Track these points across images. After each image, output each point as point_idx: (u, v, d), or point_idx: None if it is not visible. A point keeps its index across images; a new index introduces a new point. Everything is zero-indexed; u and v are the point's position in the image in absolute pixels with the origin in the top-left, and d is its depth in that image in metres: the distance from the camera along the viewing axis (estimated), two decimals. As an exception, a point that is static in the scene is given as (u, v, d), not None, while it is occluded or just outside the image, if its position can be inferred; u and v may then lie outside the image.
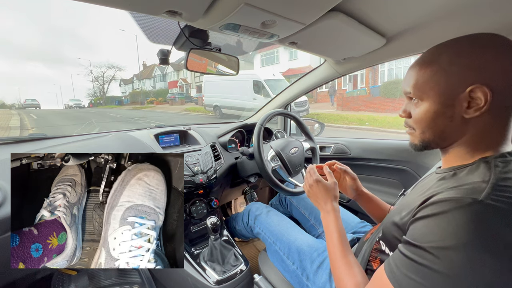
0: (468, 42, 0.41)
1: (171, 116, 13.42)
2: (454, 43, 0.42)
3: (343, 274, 0.53)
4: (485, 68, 0.39)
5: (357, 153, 1.42)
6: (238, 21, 0.65)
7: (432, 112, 0.44)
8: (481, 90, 0.38)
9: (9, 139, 0.97)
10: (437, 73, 0.42)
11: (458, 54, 0.41)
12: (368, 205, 0.77)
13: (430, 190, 0.43)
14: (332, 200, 0.65)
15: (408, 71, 0.48)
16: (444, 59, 0.42)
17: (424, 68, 0.44)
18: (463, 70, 0.40)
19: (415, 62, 0.47)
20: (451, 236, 0.34)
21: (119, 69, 30.86)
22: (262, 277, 0.89)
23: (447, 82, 0.41)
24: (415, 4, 0.67)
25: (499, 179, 0.37)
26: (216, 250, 0.99)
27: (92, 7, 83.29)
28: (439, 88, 0.42)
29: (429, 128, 0.45)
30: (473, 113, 0.40)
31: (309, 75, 1.35)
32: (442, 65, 0.42)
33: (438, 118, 0.44)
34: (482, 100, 0.39)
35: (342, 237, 0.59)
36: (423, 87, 0.44)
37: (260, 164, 1.02)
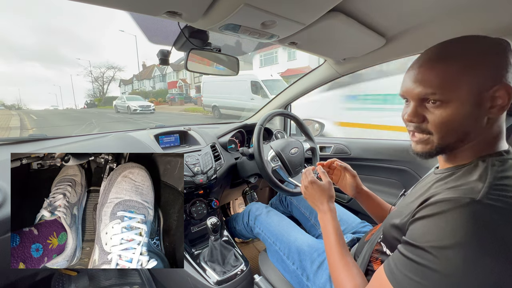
0: (488, 41, 0.40)
1: (170, 116, 13.44)
2: (478, 40, 0.40)
3: (341, 276, 0.52)
4: (505, 68, 0.39)
5: (357, 153, 1.42)
6: (238, 22, 0.65)
7: (461, 114, 0.40)
8: (505, 89, 0.38)
9: (9, 140, 0.97)
10: (465, 70, 0.39)
11: (484, 51, 0.39)
12: (368, 203, 0.77)
13: (429, 191, 0.43)
14: (328, 200, 0.65)
15: (421, 70, 0.43)
16: (470, 56, 0.39)
17: (448, 66, 0.40)
18: (490, 68, 0.39)
19: (427, 59, 0.43)
20: (449, 236, 0.34)
21: (118, 69, 30.82)
22: (262, 278, 0.89)
23: (475, 80, 0.39)
24: (415, 4, 0.67)
25: (496, 178, 0.37)
26: (216, 251, 0.99)
27: (91, 8, 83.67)
28: (468, 87, 0.39)
29: (453, 131, 0.42)
30: (497, 112, 0.40)
31: (309, 75, 1.36)
32: (470, 62, 0.39)
33: (466, 120, 0.40)
34: (505, 100, 0.39)
35: (339, 238, 0.59)
36: (451, 87, 0.40)
37: (260, 164, 1.02)
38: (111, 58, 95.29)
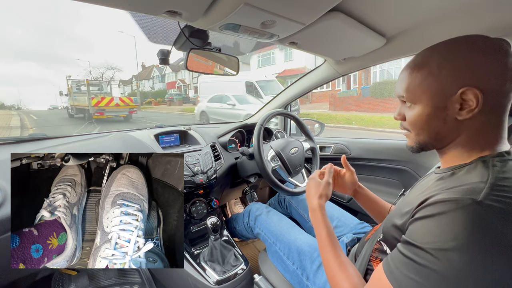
0: (455, 45, 0.42)
1: (169, 116, 13.49)
2: (442, 46, 0.43)
3: (338, 277, 0.51)
4: (474, 70, 0.39)
5: (357, 153, 1.42)
6: (238, 21, 0.65)
7: (425, 115, 0.44)
8: (472, 92, 0.39)
9: (9, 139, 0.97)
10: (428, 76, 0.43)
11: (446, 57, 0.42)
12: (367, 201, 0.77)
13: (429, 190, 0.43)
14: (319, 197, 0.64)
15: (400, 74, 0.49)
16: (433, 63, 0.43)
17: (415, 72, 0.45)
18: (453, 72, 0.41)
19: (406, 65, 0.48)
20: (450, 237, 0.34)
21: (118, 70, 30.83)
22: (262, 277, 0.89)
23: (438, 86, 0.42)
24: (415, 4, 0.67)
25: (498, 179, 0.37)
26: (216, 250, 0.99)
27: (91, 8, 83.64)
28: (431, 91, 0.43)
29: (423, 130, 0.46)
30: (466, 114, 0.41)
31: (309, 75, 1.36)
32: (432, 69, 0.43)
33: (432, 121, 0.44)
34: (474, 102, 0.39)
35: (331, 237, 0.58)
36: (415, 91, 0.45)
37: (260, 164, 1.02)
38: (110, 58, 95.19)
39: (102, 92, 11.90)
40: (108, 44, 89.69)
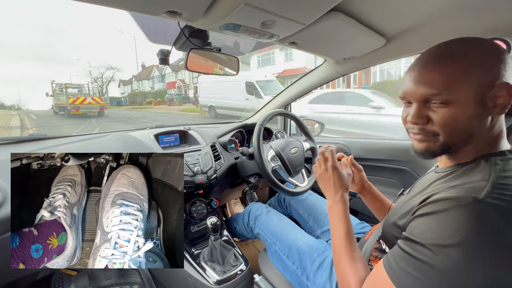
0: (488, 42, 0.41)
1: (168, 116, 13.51)
2: (478, 41, 0.41)
3: (345, 269, 0.50)
4: (504, 68, 0.39)
5: (358, 153, 1.42)
6: (238, 21, 0.65)
7: (466, 114, 0.40)
8: (506, 88, 0.39)
9: (9, 139, 0.97)
10: (470, 71, 0.39)
11: (485, 52, 0.40)
12: (373, 199, 0.77)
13: (430, 188, 0.43)
14: (344, 190, 0.63)
15: (424, 70, 0.43)
16: (475, 56, 0.40)
17: (453, 66, 0.40)
18: (491, 68, 0.39)
19: (431, 60, 0.42)
20: (450, 234, 0.34)
21: (117, 70, 30.97)
22: (262, 277, 0.89)
23: (478, 81, 0.39)
24: (415, 4, 0.67)
25: (500, 177, 0.37)
26: (216, 250, 0.99)
27: (91, 8, 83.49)
28: (473, 86, 0.39)
29: (458, 131, 0.41)
30: (500, 111, 0.40)
31: (309, 75, 1.36)
32: (473, 63, 0.39)
33: (471, 120, 0.40)
34: (506, 99, 0.39)
35: (349, 231, 0.56)
36: (456, 87, 0.40)
37: (260, 164, 1.02)
38: (110, 59, 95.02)
39: (81, 93, 14.41)
40: (108, 44, 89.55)
